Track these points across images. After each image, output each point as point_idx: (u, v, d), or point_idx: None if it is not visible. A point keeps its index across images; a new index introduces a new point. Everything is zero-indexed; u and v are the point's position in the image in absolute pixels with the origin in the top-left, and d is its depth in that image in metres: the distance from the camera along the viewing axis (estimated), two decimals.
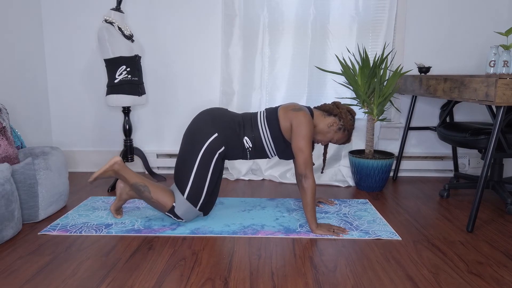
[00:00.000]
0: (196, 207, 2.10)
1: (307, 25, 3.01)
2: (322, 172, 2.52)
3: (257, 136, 2.13)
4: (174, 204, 2.08)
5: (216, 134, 2.08)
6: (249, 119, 2.18)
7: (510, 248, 1.90)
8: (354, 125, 2.27)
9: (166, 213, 2.12)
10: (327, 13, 3.00)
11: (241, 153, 2.17)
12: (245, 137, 2.13)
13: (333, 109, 2.22)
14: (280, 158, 2.25)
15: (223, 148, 2.10)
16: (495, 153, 2.08)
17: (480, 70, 3.08)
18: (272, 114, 2.17)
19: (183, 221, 2.15)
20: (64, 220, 2.21)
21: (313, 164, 2.12)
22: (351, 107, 2.96)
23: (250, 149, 2.15)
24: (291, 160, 3.09)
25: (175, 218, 2.14)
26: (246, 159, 2.22)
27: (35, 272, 1.65)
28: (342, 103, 2.31)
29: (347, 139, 2.28)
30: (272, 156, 2.24)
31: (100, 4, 3.07)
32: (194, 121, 2.17)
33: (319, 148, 3.10)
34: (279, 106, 2.23)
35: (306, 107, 2.23)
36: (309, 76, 3.06)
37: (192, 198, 2.08)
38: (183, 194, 2.07)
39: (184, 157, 2.10)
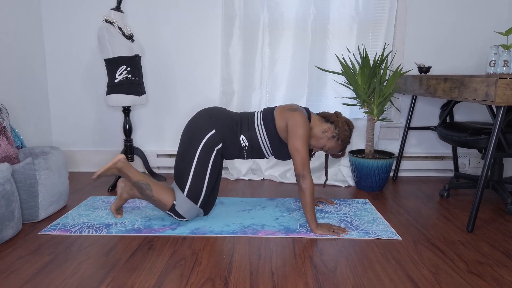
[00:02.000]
0: (197, 204, 2.11)
1: (307, 25, 3.01)
2: (324, 186, 2.53)
3: (254, 135, 2.13)
4: (174, 202, 2.08)
5: (213, 131, 2.08)
6: (246, 118, 2.18)
7: (510, 248, 1.90)
8: (350, 139, 2.24)
9: (167, 211, 2.12)
10: (327, 13, 3.00)
11: (238, 152, 2.17)
12: (242, 136, 2.13)
13: (331, 117, 2.22)
14: (276, 158, 2.25)
15: (220, 144, 2.10)
16: (495, 153, 2.08)
17: (480, 70, 3.08)
18: (268, 113, 2.17)
19: (185, 219, 2.15)
20: (64, 220, 2.21)
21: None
22: (351, 107, 2.96)
23: (246, 148, 2.15)
24: (291, 160, 3.09)
25: (176, 217, 2.14)
26: (243, 158, 2.22)
27: (35, 272, 1.65)
28: (340, 111, 2.30)
29: (340, 150, 2.25)
30: (269, 156, 2.23)
31: (100, 4, 3.07)
32: (192, 119, 2.18)
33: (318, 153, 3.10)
34: (276, 106, 2.23)
35: (305, 108, 2.23)
36: (309, 76, 3.06)
37: (193, 195, 2.08)
38: (183, 192, 2.08)
39: (183, 155, 2.10)
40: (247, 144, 2.14)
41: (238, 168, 3.12)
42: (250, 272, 1.66)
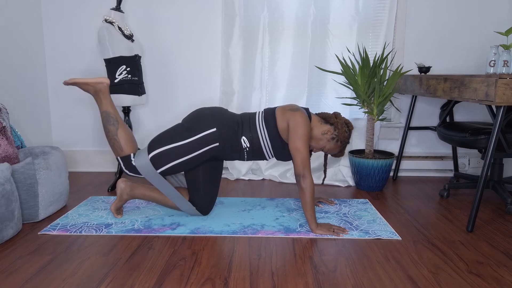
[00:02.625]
0: (156, 169, 2.08)
1: (307, 25, 3.01)
2: (322, 184, 2.52)
3: (255, 137, 2.13)
4: (133, 154, 2.06)
5: (214, 129, 2.08)
6: (248, 119, 2.18)
7: (510, 248, 1.90)
8: (349, 139, 2.25)
9: (118, 157, 2.09)
10: (327, 13, 3.00)
11: (238, 153, 2.17)
12: (243, 137, 2.13)
13: (331, 118, 2.22)
14: (277, 159, 2.25)
15: (217, 144, 2.10)
16: (495, 153, 2.08)
17: (480, 70, 3.08)
18: (269, 114, 2.17)
19: (129, 173, 2.11)
20: (64, 219, 2.21)
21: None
22: (351, 107, 2.96)
23: (247, 149, 2.15)
24: (291, 161, 3.09)
25: (124, 168, 2.10)
26: (244, 160, 2.22)
27: (35, 271, 1.65)
28: (340, 111, 2.29)
29: (339, 151, 2.27)
30: (270, 158, 2.23)
31: (100, 3, 3.07)
32: (195, 112, 2.19)
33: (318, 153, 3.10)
34: (277, 107, 2.23)
35: (305, 109, 2.23)
36: (309, 76, 3.06)
37: (156, 161, 2.06)
38: (148, 154, 2.06)
39: (172, 132, 2.11)
40: (248, 145, 2.14)
41: (238, 168, 3.12)
42: (250, 272, 1.66)
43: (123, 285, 1.55)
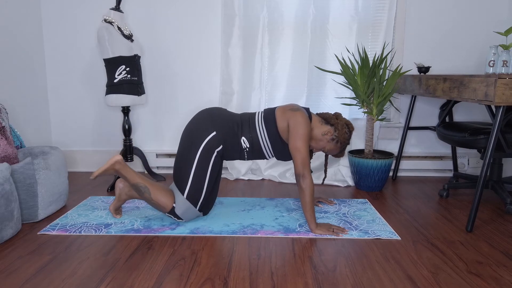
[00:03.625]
0: (196, 206, 2.10)
1: (307, 25, 3.01)
2: (322, 183, 2.52)
3: (255, 137, 2.13)
4: (174, 205, 2.08)
5: (214, 133, 2.08)
6: (247, 119, 2.18)
7: (510, 248, 1.90)
8: (349, 140, 2.25)
9: (166, 213, 2.12)
10: (326, 13, 3.00)
11: (238, 154, 2.17)
12: (243, 137, 2.13)
13: (331, 119, 2.22)
14: (278, 159, 2.25)
15: (221, 146, 2.10)
16: (494, 153, 2.08)
17: (480, 70, 3.08)
18: (269, 114, 2.17)
19: (183, 221, 2.15)
20: (64, 219, 2.21)
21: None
22: (351, 107, 2.96)
23: (247, 149, 2.15)
24: (291, 161, 3.09)
25: (175, 218, 2.14)
26: (244, 159, 2.22)
27: (34, 271, 1.65)
28: (339, 111, 2.29)
29: (339, 152, 2.26)
30: (270, 157, 2.23)
31: (99, 3, 3.07)
32: (193, 120, 2.17)
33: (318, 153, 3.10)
34: (277, 107, 2.22)
35: (305, 108, 2.22)
36: (309, 76, 3.06)
37: (192, 197, 2.08)
38: (182, 194, 2.07)
39: (183, 156, 2.10)
40: (248, 146, 2.14)
41: (237, 168, 3.12)
42: (249, 272, 1.66)
43: (122, 285, 1.55)
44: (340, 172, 3.03)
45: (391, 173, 3.15)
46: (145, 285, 1.55)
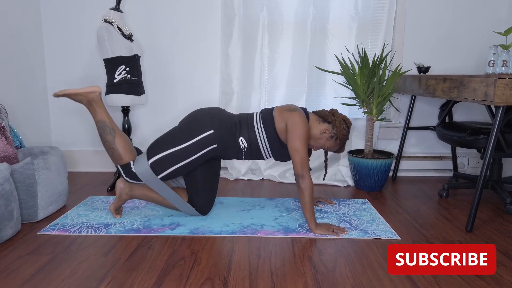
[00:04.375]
0: (157, 175, 2.08)
1: (307, 25, 3.01)
2: (323, 179, 2.52)
3: (253, 137, 2.13)
4: (132, 161, 2.06)
5: (212, 131, 2.08)
6: (246, 119, 2.18)
7: (509, 248, 1.90)
8: (348, 136, 2.25)
9: (118, 166, 2.09)
10: (326, 13, 3.00)
11: (235, 153, 2.17)
12: (241, 138, 2.13)
13: (328, 116, 2.21)
14: (276, 159, 2.25)
15: (215, 145, 2.09)
16: (494, 153, 2.08)
17: (479, 70, 3.08)
18: (267, 114, 2.17)
19: (130, 180, 2.11)
20: (64, 219, 2.21)
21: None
22: (351, 107, 2.96)
23: (245, 149, 2.15)
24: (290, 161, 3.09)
25: (124, 175, 2.10)
26: (241, 159, 2.22)
27: (34, 272, 1.65)
28: (339, 111, 2.29)
29: (339, 148, 2.26)
30: (268, 158, 2.23)
31: (99, 3, 3.06)
32: (192, 114, 2.19)
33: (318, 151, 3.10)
34: (274, 107, 2.23)
35: (302, 108, 2.23)
36: (309, 76, 3.06)
37: (156, 167, 2.05)
38: (148, 160, 2.05)
39: (170, 137, 2.10)
40: (246, 146, 2.14)
41: (237, 168, 3.12)
42: (249, 272, 1.66)
43: (122, 285, 1.55)
44: (340, 172, 3.03)
45: (391, 173, 3.15)
46: (144, 285, 1.55)
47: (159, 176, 2.09)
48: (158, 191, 2.13)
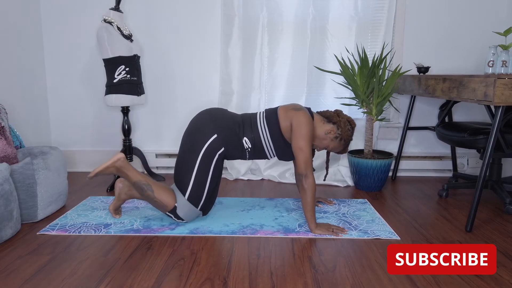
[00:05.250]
0: (197, 207, 2.10)
1: (306, 25, 3.01)
2: (324, 180, 2.52)
3: (257, 137, 2.13)
4: (176, 204, 2.07)
5: (215, 135, 2.07)
6: (249, 119, 2.17)
7: (509, 248, 1.91)
8: (352, 137, 2.25)
9: (167, 213, 2.11)
10: (326, 13, 3.00)
11: (240, 154, 2.17)
12: (245, 138, 2.13)
13: (333, 117, 2.21)
14: (279, 159, 2.25)
15: (222, 149, 2.09)
16: (493, 153, 2.08)
17: (479, 70, 3.08)
18: (271, 114, 2.17)
19: (184, 221, 2.15)
20: (63, 220, 2.21)
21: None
22: (350, 107, 2.96)
23: (249, 149, 2.15)
24: (290, 161, 3.09)
25: (175, 219, 2.13)
26: (245, 159, 2.22)
27: (34, 272, 1.65)
28: (343, 112, 2.29)
29: (343, 149, 2.26)
30: (271, 157, 2.23)
31: (99, 3, 3.06)
32: (194, 122, 2.17)
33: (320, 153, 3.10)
34: (278, 106, 2.22)
35: (307, 108, 2.22)
36: (308, 76, 3.06)
37: (194, 199, 2.07)
38: (184, 195, 2.07)
39: (184, 158, 2.09)
40: (250, 146, 2.14)
41: (237, 168, 3.12)
42: (249, 272, 1.66)
43: (122, 285, 1.55)
44: (340, 172, 3.03)
45: (390, 173, 3.15)
46: (144, 285, 1.55)
47: (199, 207, 2.11)
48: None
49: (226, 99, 3.10)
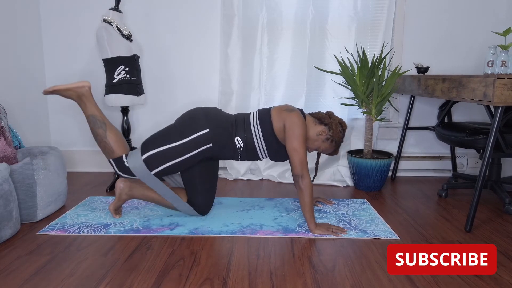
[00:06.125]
0: (150, 170, 2.07)
1: (306, 25, 3.01)
2: (312, 181, 2.52)
3: (249, 137, 2.13)
4: (126, 156, 2.05)
5: (207, 130, 2.08)
6: (242, 119, 2.18)
7: (508, 248, 1.91)
8: (343, 139, 2.26)
9: (109, 159, 2.09)
10: (325, 13, 3.00)
11: (232, 153, 2.17)
12: (237, 137, 2.13)
13: (325, 118, 2.22)
14: (271, 159, 2.25)
15: (210, 145, 2.09)
16: (493, 153, 2.08)
17: (478, 70, 3.08)
18: (265, 114, 2.17)
19: (123, 174, 2.10)
20: (63, 220, 2.21)
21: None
22: (350, 107, 2.96)
23: (241, 149, 2.15)
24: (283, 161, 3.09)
25: (116, 169, 2.10)
26: (237, 159, 2.22)
27: (33, 272, 1.65)
28: (338, 111, 2.30)
29: (334, 150, 2.27)
30: (264, 158, 2.23)
31: (98, 4, 3.06)
32: (188, 113, 2.19)
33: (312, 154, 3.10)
34: (272, 107, 2.23)
35: (299, 109, 2.23)
36: (308, 76, 3.06)
37: (150, 162, 2.05)
38: (142, 155, 2.06)
39: (165, 134, 2.11)
40: (242, 146, 2.14)
41: (236, 168, 3.12)
42: (248, 272, 1.66)
43: (121, 285, 1.55)
44: (339, 172, 3.03)
45: (390, 173, 3.16)
46: (144, 285, 1.55)
47: (153, 172, 2.09)
48: (153, 186, 2.12)
49: (226, 99, 3.10)
